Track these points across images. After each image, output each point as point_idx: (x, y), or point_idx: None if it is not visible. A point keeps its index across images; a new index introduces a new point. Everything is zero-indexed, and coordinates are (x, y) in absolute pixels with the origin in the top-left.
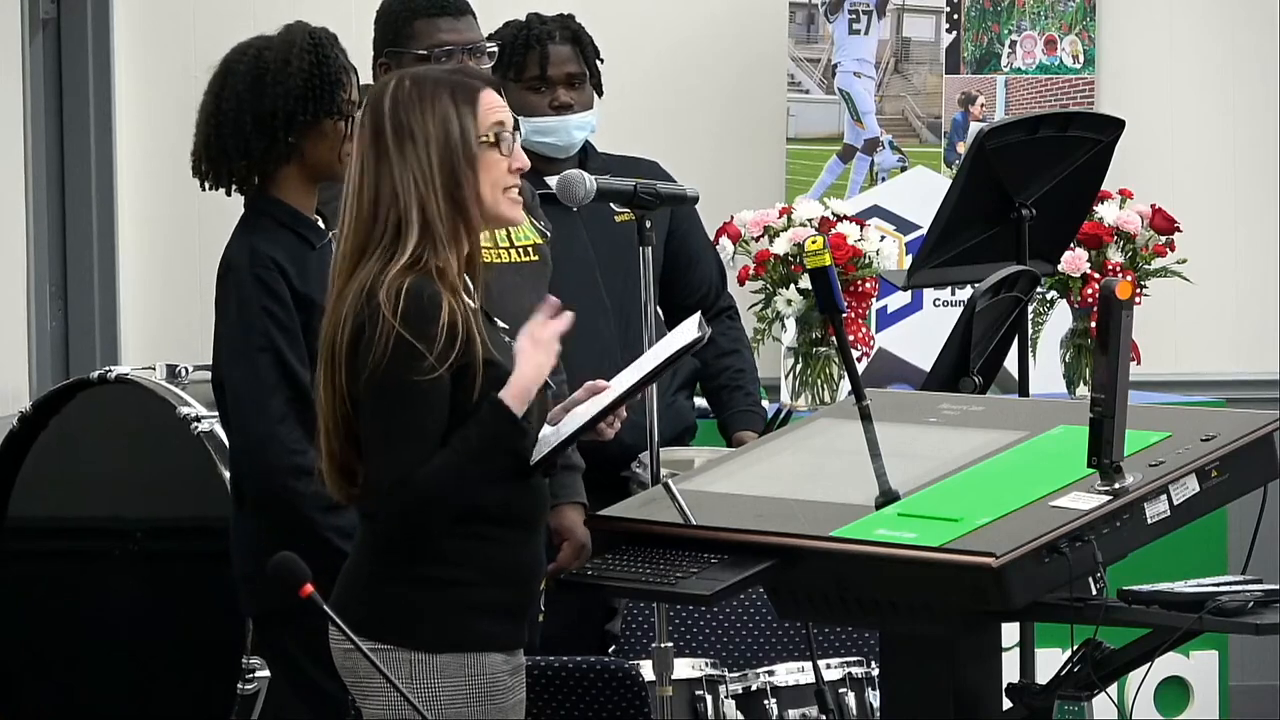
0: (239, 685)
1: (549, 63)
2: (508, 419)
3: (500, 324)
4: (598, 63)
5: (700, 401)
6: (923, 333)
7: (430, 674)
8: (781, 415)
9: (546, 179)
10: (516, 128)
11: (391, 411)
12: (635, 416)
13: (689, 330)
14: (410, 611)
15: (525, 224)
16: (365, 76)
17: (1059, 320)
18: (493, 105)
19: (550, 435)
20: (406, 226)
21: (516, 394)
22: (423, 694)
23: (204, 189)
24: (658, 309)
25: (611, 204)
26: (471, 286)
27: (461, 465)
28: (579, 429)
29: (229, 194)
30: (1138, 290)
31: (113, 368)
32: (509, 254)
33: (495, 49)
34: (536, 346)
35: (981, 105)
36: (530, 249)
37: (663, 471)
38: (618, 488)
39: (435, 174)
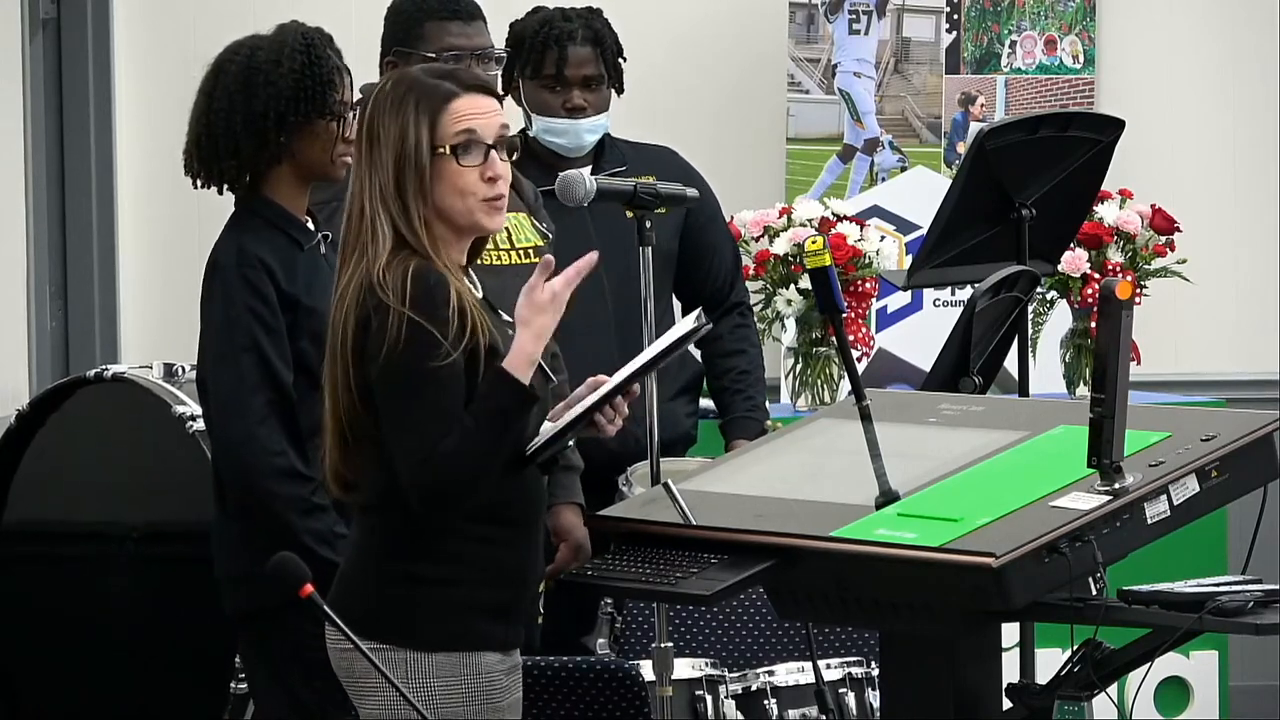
0: (232, 684)
1: (566, 64)
2: (512, 387)
3: (505, 316)
4: (620, 61)
5: (707, 403)
6: (923, 333)
7: (425, 673)
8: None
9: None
10: (525, 130)
11: (410, 397)
12: (630, 425)
13: (686, 321)
14: (407, 610)
15: (527, 225)
16: (369, 75)
17: (1059, 320)
18: (463, 113)
19: (549, 429)
20: (376, 228)
21: (517, 360)
22: (418, 693)
23: (195, 187)
24: (674, 299)
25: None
26: (474, 278)
27: (475, 440)
28: (574, 420)
29: (220, 193)
30: (1138, 290)
31: (110, 366)
32: (509, 256)
33: (504, 54)
34: (535, 310)
35: (981, 105)
36: (531, 251)
37: (641, 489)
38: (609, 490)
39: (390, 180)
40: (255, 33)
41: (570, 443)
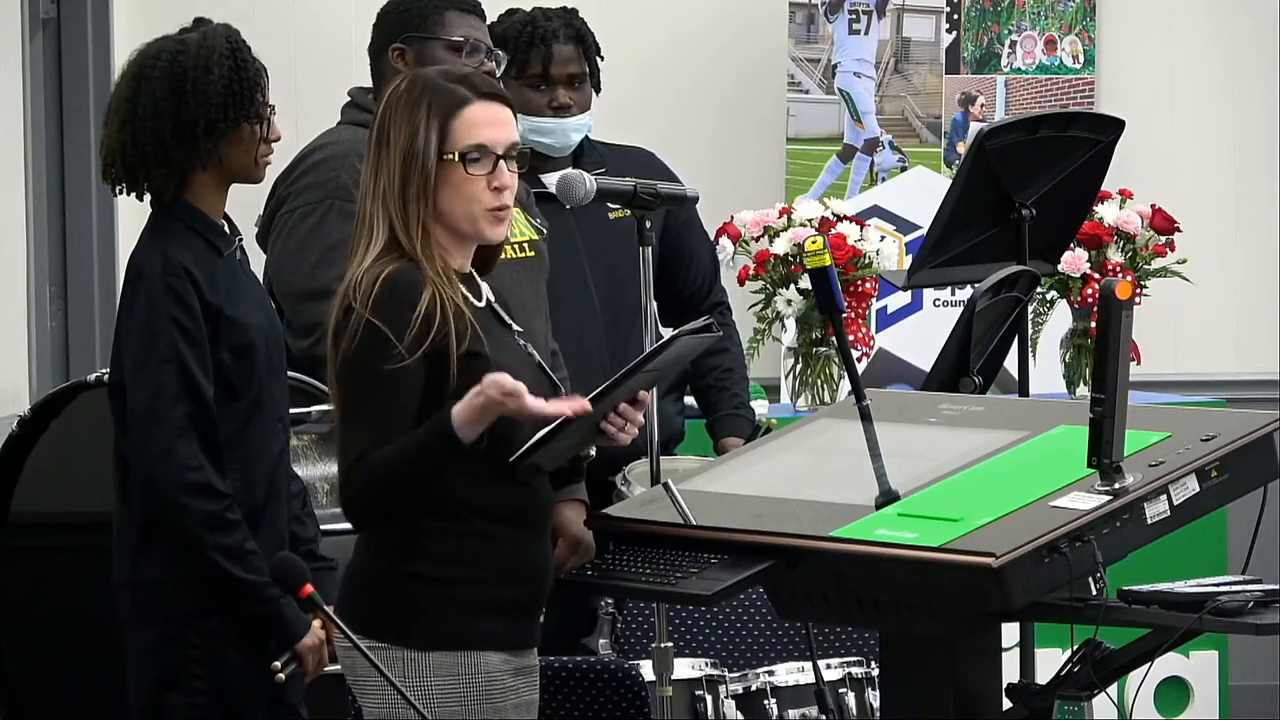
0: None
1: (552, 63)
2: (446, 435)
3: (515, 326)
4: (598, 59)
5: (691, 401)
6: (923, 333)
7: (423, 672)
8: (762, 433)
9: (543, 177)
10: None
11: (357, 396)
12: None
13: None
14: (406, 609)
15: (521, 220)
16: (364, 74)
17: (1059, 320)
18: (476, 122)
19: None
20: (374, 226)
21: (464, 414)
22: (415, 692)
23: (114, 194)
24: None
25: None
26: (481, 285)
27: (395, 462)
28: (555, 426)
29: (140, 199)
30: (1138, 290)
31: (109, 369)
32: (505, 250)
33: (505, 57)
34: (491, 400)
35: (981, 105)
36: (526, 245)
37: (640, 487)
38: (607, 490)
39: (395, 180)
40: (165, 35)
41: (592, 451)
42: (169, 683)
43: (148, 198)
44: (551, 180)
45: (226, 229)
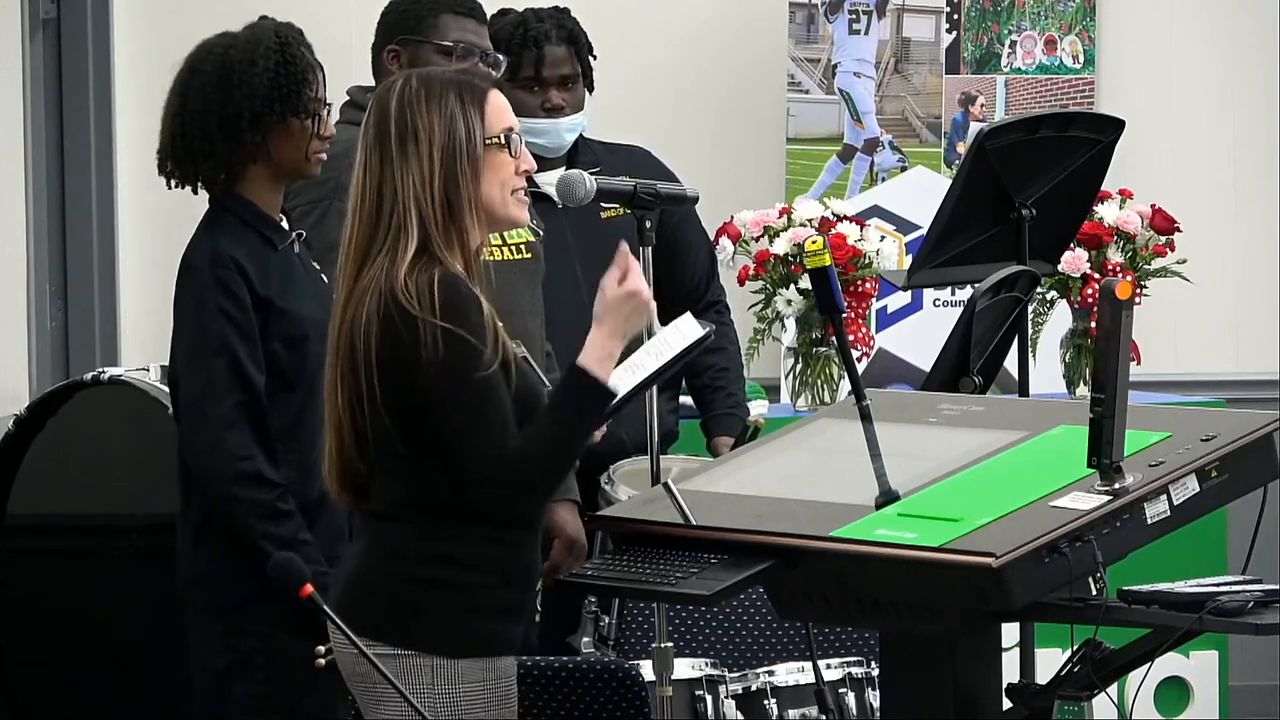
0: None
1: (544, 64)
2: (591, 385)
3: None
4: (590, 59)
5: (686, 400)
6: (923, 333)
7: (452, 680)
8: (749, 431)
9: (537, 177)
10: None
11: (468, 406)
12: (612, 426)
13: (690, 331)
14: (429, 617)
15: None
16: (363, 74)
17: (1059, 320)
18: (502, 107)
19: None
20: (406, 227)
21: (593, 356)
22: (443, 700)
23: (169, 187)
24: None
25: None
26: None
27: (554, 435)
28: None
29: (195, 192)
30: (1138, 290)
31: (106, 369)
32: (502, 251)
33: (505, 61)
34: (608, 308)
35: (981, 105)
36: (523, 246)
37: (624, 487)
38: (592, 490)
39: (435, 173)
40: (226, 30)
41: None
42: (231, 672)
43: (203, 192)
44: (546, 180)
45: (284, 223)
